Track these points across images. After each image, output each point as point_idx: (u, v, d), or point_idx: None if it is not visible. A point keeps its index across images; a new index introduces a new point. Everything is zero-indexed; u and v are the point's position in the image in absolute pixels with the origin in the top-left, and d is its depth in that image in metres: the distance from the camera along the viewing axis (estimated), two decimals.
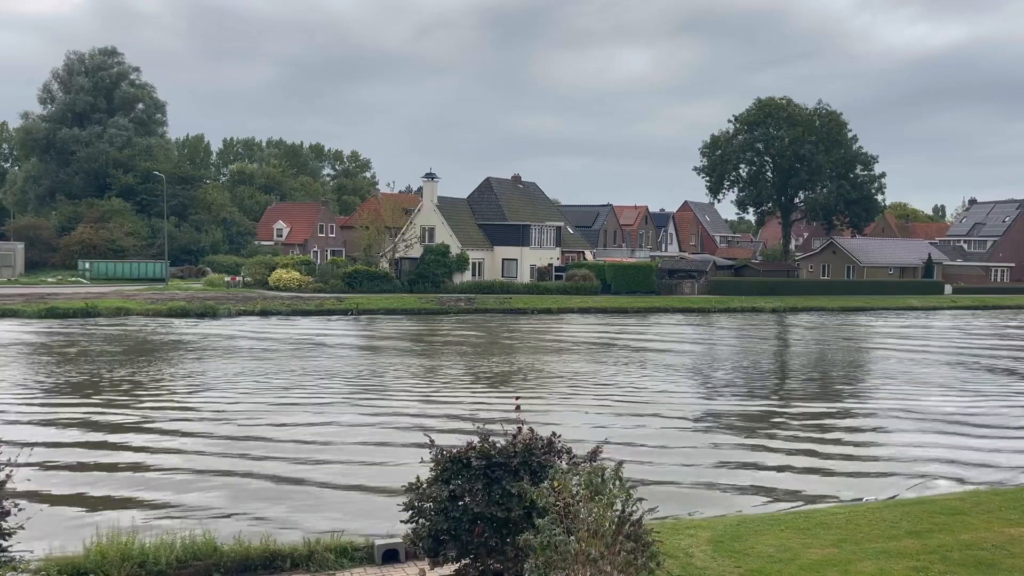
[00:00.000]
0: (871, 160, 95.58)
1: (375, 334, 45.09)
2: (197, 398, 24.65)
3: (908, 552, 11.01)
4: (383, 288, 66.76)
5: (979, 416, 23.87)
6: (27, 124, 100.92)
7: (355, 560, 10.85)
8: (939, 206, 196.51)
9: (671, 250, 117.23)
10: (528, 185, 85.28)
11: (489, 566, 8.83)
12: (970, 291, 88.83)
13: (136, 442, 19.34)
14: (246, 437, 19.75)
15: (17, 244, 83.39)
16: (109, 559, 9.95)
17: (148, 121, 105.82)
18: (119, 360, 32.12)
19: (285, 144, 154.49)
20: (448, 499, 8.78)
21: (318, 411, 22.98)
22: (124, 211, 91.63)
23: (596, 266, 75.28)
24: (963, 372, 33.33)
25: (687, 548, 10.95)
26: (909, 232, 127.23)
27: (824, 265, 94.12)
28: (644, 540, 7.07)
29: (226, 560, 10.48)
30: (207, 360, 32.78)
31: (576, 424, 21.20)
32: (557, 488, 7.23)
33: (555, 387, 27.61)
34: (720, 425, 22.24)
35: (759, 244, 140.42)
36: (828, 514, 13.09)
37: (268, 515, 14.29)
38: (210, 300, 55.55)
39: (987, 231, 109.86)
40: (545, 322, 53.73)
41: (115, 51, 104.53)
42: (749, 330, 50.75)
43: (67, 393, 25.28)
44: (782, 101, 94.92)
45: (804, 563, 10.55)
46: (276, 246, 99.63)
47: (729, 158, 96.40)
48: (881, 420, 23.32)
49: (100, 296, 56.60)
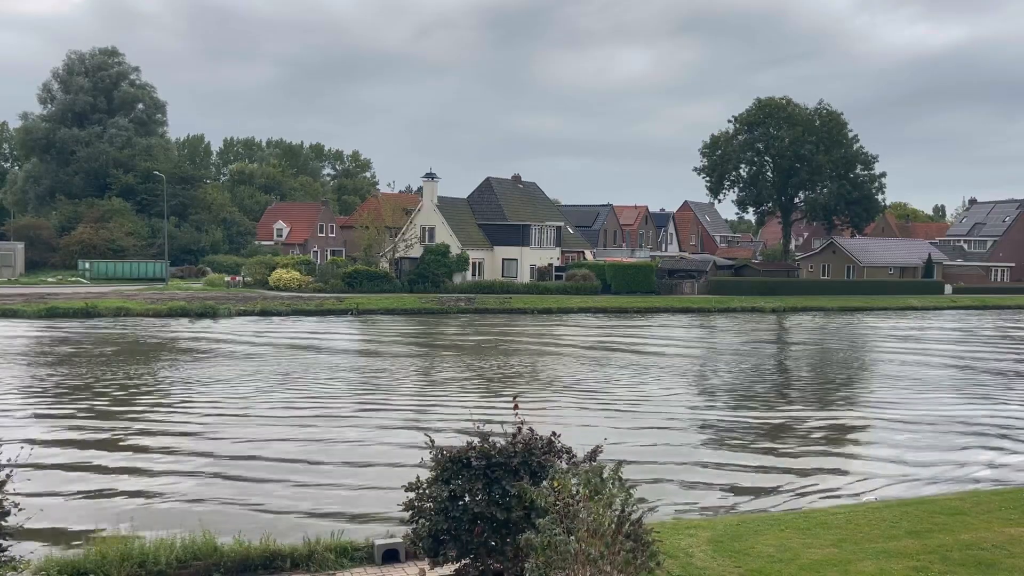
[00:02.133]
0: (871, 160, 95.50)
1: (375, 338, 45.00)
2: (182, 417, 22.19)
3: (908, 552, 11.01)
4: (383, 288, 66.73)
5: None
6: (27, 124, 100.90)
7: (355, 560, 10.84)
8: (939, 206, 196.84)
9: (671, 250, 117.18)
10: (528, 185, 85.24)
11: (489, 566, 8.83)
12: (970, 291, 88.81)
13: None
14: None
15: (17, 244, 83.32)
16: (109, 559, 9.95)
17: (148, 121, 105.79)
18: (102, 371, 30.70)
19: (285, 144, 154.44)
20: (448, 499, 8.78)
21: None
22: (124, 211, 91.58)
23: (596, 266, 75.25)
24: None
25: (687, 548, 10.95)
26: (909, 232, 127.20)
27: (824, 265, 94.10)
28: (644, 540, 7.06)
29: (226, 560, 10.46)
30: (203, 366, 32.62)
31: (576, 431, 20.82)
32: (557, 488, 7.23)
33: (555, 396, 26.40)
34: (725, 440, 21.53)
35: (759, 244, 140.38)
36: (828, 514, 13.09)
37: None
38: (210, 300, 55.53)
39: (987, 231, 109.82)
40: (545, 323, 53.69)
41: (115, 51, 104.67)
42: (749, 333, 50.67)
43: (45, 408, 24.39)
44: (782, 101, 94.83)
45: (804, 563, 10.54)
46: (276, 246, 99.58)
47: (729, 158, 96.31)
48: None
49: (100, 296, 56.58)
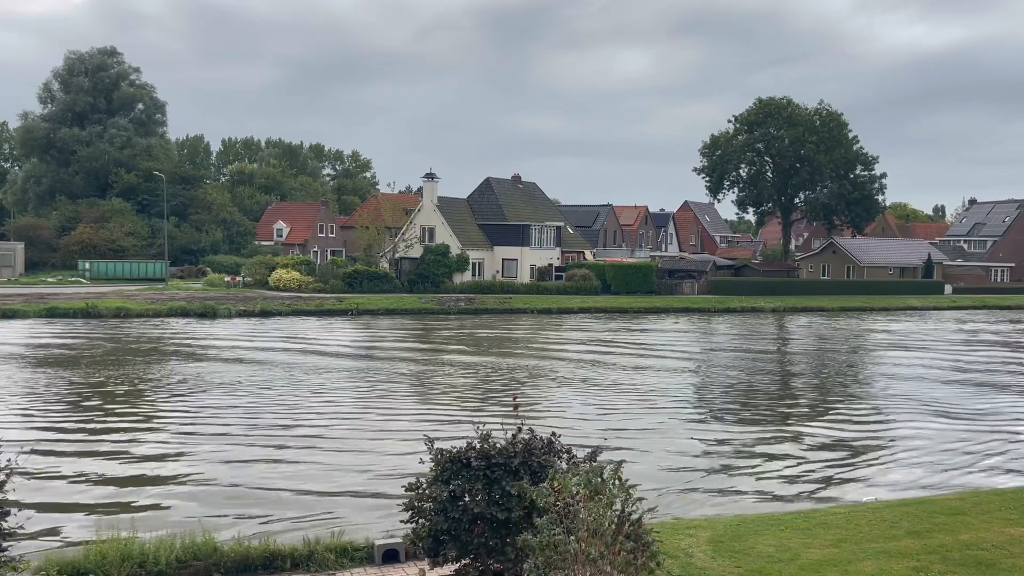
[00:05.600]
0: (871, 160, 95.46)
1: (375, 342, 44.97)
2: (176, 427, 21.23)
3: (908, 552, 11.00)
4: (383, 288, 66.70)
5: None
6: (27, 124, 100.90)
7: (355, 560, 10.84)
8: (939, 206, 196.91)
9: (671, 250, 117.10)
10: (528, 185, 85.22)
11: (489, 566, 8.83)
12: (970, 291, 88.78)
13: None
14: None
15: (17, 244, 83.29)
16: (109, 559, 9.93)
17: (148, 121, 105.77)
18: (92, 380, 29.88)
19: (285, 144, 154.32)
20: (448, 499, 8.77)
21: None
22: (124, 211, 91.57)
23: (596, 266, 75.24)
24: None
25: (687, 548, 10.94)
26: (909, 232, 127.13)
27: (824, 265, 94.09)
28: (644, 540, 7.05)
29: (226, 560, 10.46)
30: (198, 378, 32.52)
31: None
32: (557, 488, 7.22)
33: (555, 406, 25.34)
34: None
35: (759, 244, 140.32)
36: (828, 514, 13.07)
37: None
38: (210, 300, 55.52)
39: (987, 231, 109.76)
40: (545, 323, 53.67)
41: (115, 51, 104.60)
42: (750, 335, 50.65)
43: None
44: (782, 101, 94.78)
45: (804, 563, 10.53)
46: (276, 246, 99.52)
47: (729, 158, 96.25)
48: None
49: (100, 296, 56.56)
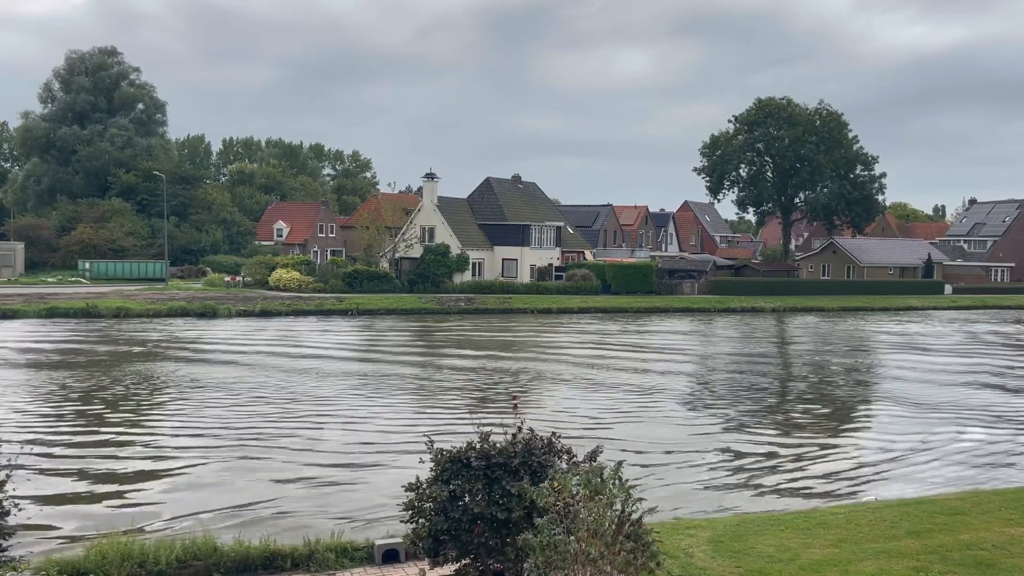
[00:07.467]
0: (871, 160, 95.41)
1: (375, 344, 44.96)
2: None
3: (908, 552, 11.00)
4: (383, 288, 66.67)
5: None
6: (27, 123, 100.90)
7: (355, 560, 10.84)
8: (939, 206, 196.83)
9: (671, 250, 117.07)
10: (528, 185, 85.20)
11: (489, 566, 8.82)
12: (970, 291, 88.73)
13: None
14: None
15: (17, 244, 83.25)
16: (109, 559, 9.94)
17: (148, 121, 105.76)
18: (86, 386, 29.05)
19: (285, 144, 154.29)
20: (448, 499, 8.77)
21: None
22: (124, 211, 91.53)
23: (596, 266, 75.21)
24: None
25: (687, 548, 10.94)
26: (909, 232, 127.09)
27: (824, 265, 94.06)
28: (644, 540, 7.05)
29: (226, 560, 10.45)
30: (193, 384, 32.43)
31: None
32: (557, 488, 7.22)
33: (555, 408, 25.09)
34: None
35: (759, 244, 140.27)
36: (828, 514, 13.08)
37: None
38: (210, 300, 55.50)
39: (987, 231, 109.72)
40: (545, 323, 53.67)
41: (115, 51, 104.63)
42: (750, 337, 50.62)
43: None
44: (782, 101, 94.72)
45: (804, 563, 10.53)
46: (276, 246, 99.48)
47: (729, 158, 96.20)
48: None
49: (100, 296, 56.54)
